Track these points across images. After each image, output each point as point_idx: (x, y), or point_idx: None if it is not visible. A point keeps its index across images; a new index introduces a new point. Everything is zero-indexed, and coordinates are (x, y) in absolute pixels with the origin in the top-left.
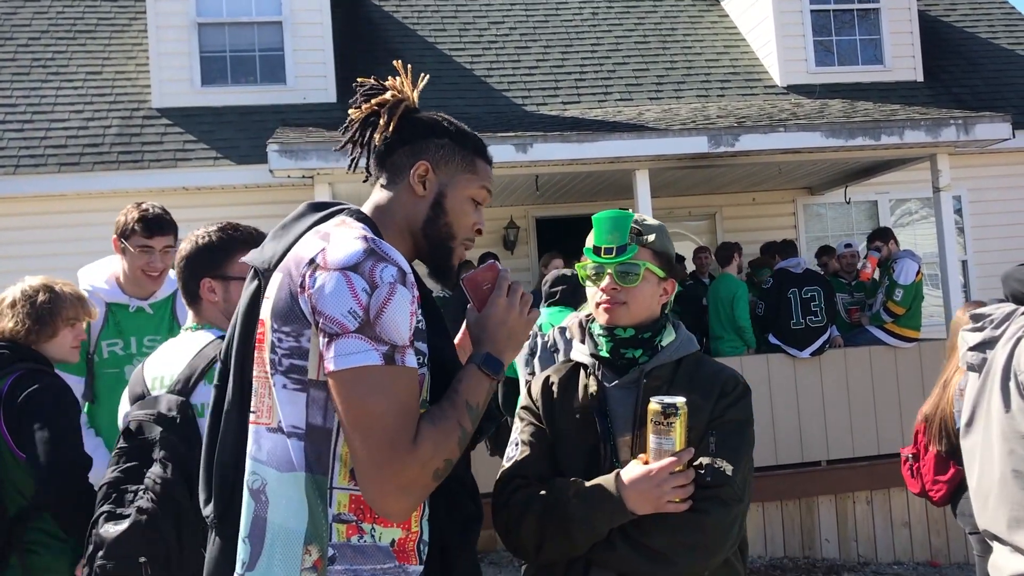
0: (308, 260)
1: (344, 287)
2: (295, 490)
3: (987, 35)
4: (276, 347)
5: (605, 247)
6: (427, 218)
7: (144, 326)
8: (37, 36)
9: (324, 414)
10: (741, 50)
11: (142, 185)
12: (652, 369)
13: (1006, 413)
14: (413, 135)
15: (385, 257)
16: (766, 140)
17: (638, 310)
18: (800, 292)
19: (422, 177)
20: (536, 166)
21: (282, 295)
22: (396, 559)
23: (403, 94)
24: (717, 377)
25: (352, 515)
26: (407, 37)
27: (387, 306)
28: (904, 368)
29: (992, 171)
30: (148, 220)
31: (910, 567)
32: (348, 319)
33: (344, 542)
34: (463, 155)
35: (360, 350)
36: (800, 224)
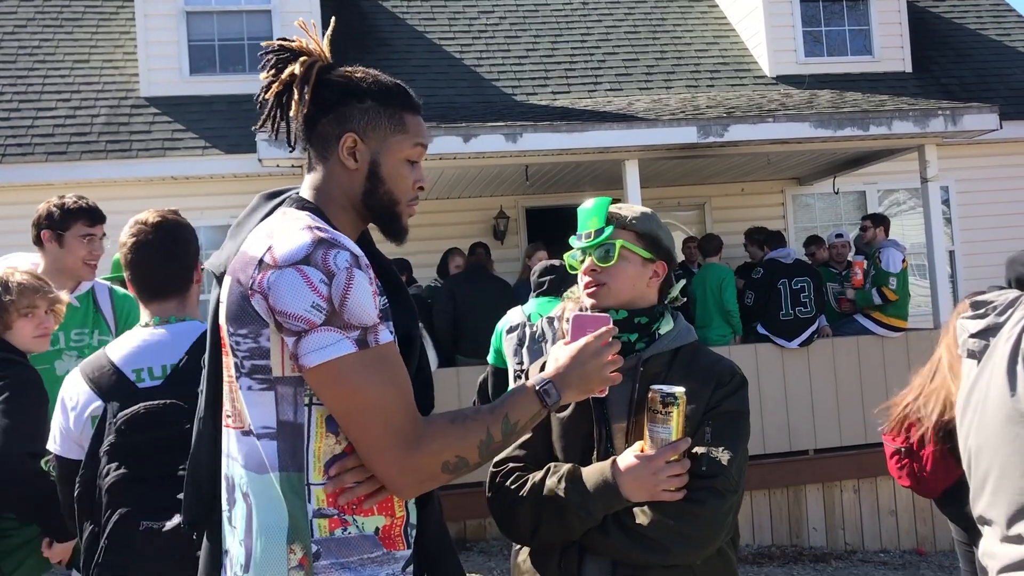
0: (257, 261)
1: (300, 282)
2: (272, 491)
3: (975, 26)
4: (236, 350)
5: (585, 232)
6: (365, 191)
7: (70, 320)
8: (23, 24)
9: (295, 409)
10: (730, 40)
11: (130, 174)
12: (649, 357)
13: (1012, 396)
14: (333, 102)
15: (335, 243)
16: (755, 131)
17: (620, 289)
18: (790, 283)
19: (351, 150)
20: (526, 156)
21: (233, 298)
22: (383, 546)
23: (312, 54)
24: (714, 367)
25: (333, 509)
26: (396, 26)
27: (349, 291)
28: (891, 358)
29: (980, 162)
30: (89, 209)
31: (896, 555)
32: (313, 313)
33: (327, 536)
34: (390, 115)
35: (332, 342)
36: (789, 214)
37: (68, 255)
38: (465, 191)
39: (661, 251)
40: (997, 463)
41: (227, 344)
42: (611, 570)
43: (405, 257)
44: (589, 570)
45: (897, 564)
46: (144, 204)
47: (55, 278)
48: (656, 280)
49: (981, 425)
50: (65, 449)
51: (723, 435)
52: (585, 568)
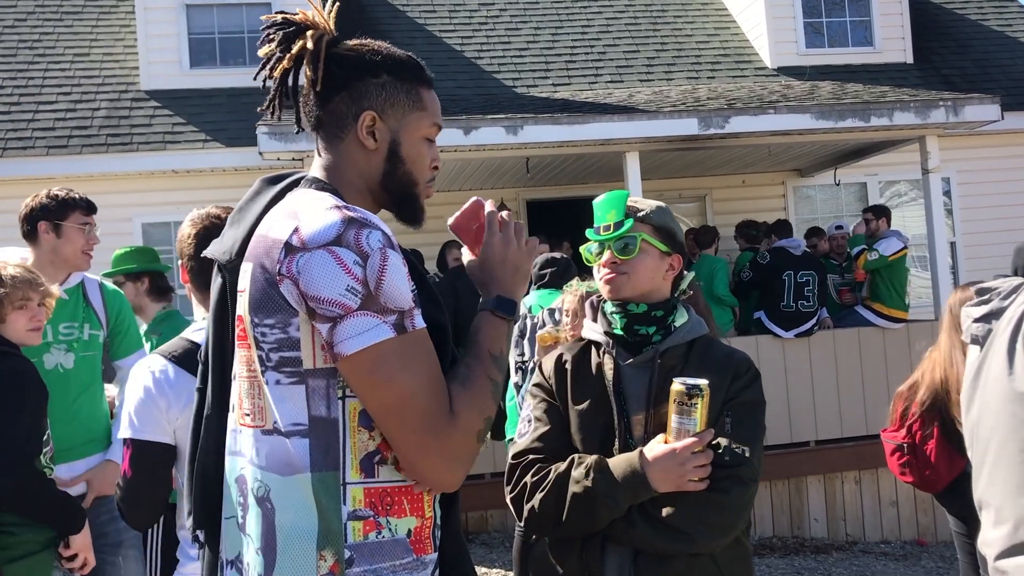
0: (283, 244)
1: (333, 264)
2: (301, 493)
3: (976, 17)
4: (261, 342)
5: (603, 225)
6: (384, 172)
7: (60, 313)
8: (23, 17)
9: (327, 404)
10: (731, 32)
11: (131, 168)
12: (666, 349)
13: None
14: (347, 77)
15: (366, 222)
16: (756, 122)
17: (639, 281)
18: (796, 275)
19: (370, 129)
20: (526, 148)
21: (258, 286)
22: (413, 551)
23: (319, 27)
24: (730, 359)
25: (368, 510)
26: (396, 18)
27: (385, 272)
28: (892, 349)
29: (981, 153)
30: (85, 199)
31: (897, 546)
32: (348, 297)
33: (361, 541)
34: (407, 90)
35: (370, 327)
36: (790, 206)
37: (67, 245)
38: (466, 184)
39: (676, 244)
40: (995, 443)
41: (249, 336)
42: (632, 559)
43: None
44: (610, 560)
45: (898, 555)
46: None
47: (48, 271)
48: (671, 273)
49: (982, 408)
50: (154, 434)
51: (743, 425)
52: (607, 558)
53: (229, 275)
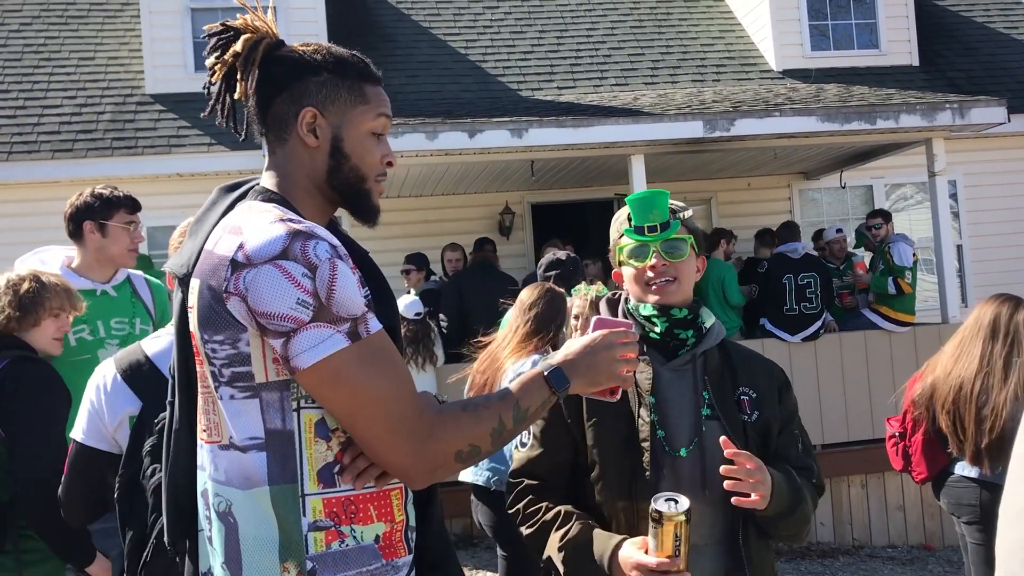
0: (228, 261)
1: (281, 279)
2: (261, 507)
3: (983, 19)
4: (212, 358)
5: (648, 225)
6: (329, 169)
7: (110, 309)
8: (29, 22)
9: (283, 416)
10: (736, 34)
11: (136, 171)
12: (704, 352)
13: None
14: (286, 78)
15: (312, 234)
16: (762, 125)
17: (688, 286)
18: (796, 278)
19: (311, 126)
20: (531, 151)
21: (205, 303)
22: (383, 557)
23: (259, 31)
24: (766, 364)
25: (328, 520)
26: (400, 21)
27: (335, 282)
28: (899, 353)
29: (987, 156)
30: (129, 198)
31: (904, 550)
32: (299, 311)
33: (324, 551)
34: (348, 86)
35: (324, 338)
36: (795, 209)
37: (113, 244)
38: (471, 187)
39: (702, 247)
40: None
41: (201, 352)
42: None
43: (409, 252)
44: None
45: (905, 559)
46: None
47: (95, 269)
48: (698, 276)
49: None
50: (92, 439)
51: (804, 441)
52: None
53: (184, 289)
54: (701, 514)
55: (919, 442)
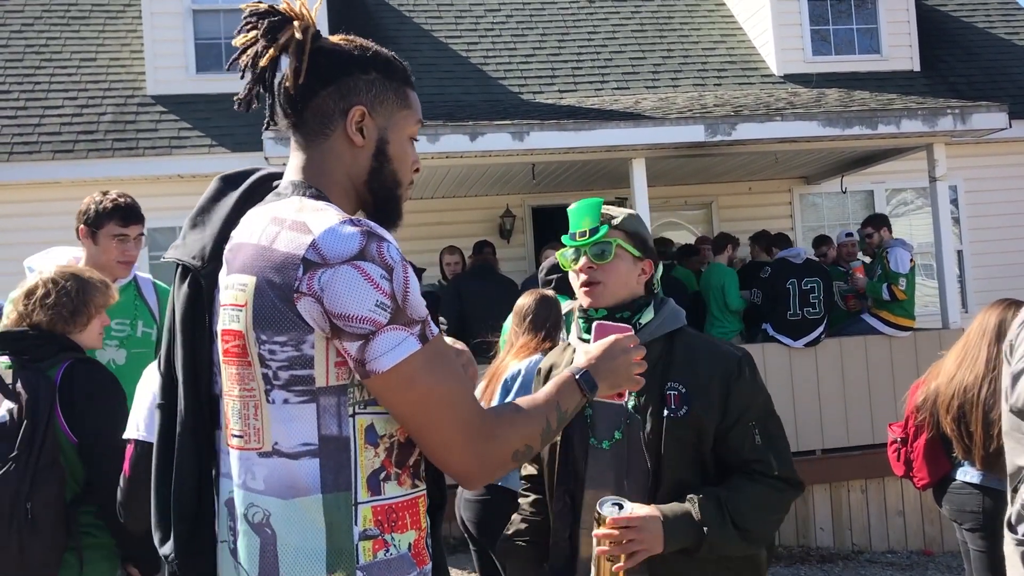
0: (300, 259)
1: (361, 280)
2: (307, 516)
3: (984, 24)
4: (268, 360)
5: (579, 231)
6: (371, 170)
7: (111, 309)
8: (31, 22)
9: (339, 422)
10: (738, 39)
11: (137, 172)
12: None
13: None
14: (334, 71)
15: (383, 236)
16: (763, 129)
17: (616, 288)
18: (800, 283)
19: (359, 124)
20: (532, 154)
21: (266, 302)
22: (416, 564)
23: (304, 18)
24: (715, 355)
25: (376, 529)
26: (402, 24)
27: (409, 285)
28: (899, 357)
29: (988, 161)
30: (123, 208)
31: (904, 555)
32: (378, 313)
33: (372, 560)
34: (395, 89)
35: (400, 341)
36: (796, 214)
37: (102, 254)
38: (471, 190)
39: (648, 250)
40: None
41: (252, 354)
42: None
43: (411, 255)
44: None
45: (904, 565)
46: (151, 202)
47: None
48: (644, 277)
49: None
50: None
51: (768, 434)
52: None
53: (206, 282)
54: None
55: (921, 447)
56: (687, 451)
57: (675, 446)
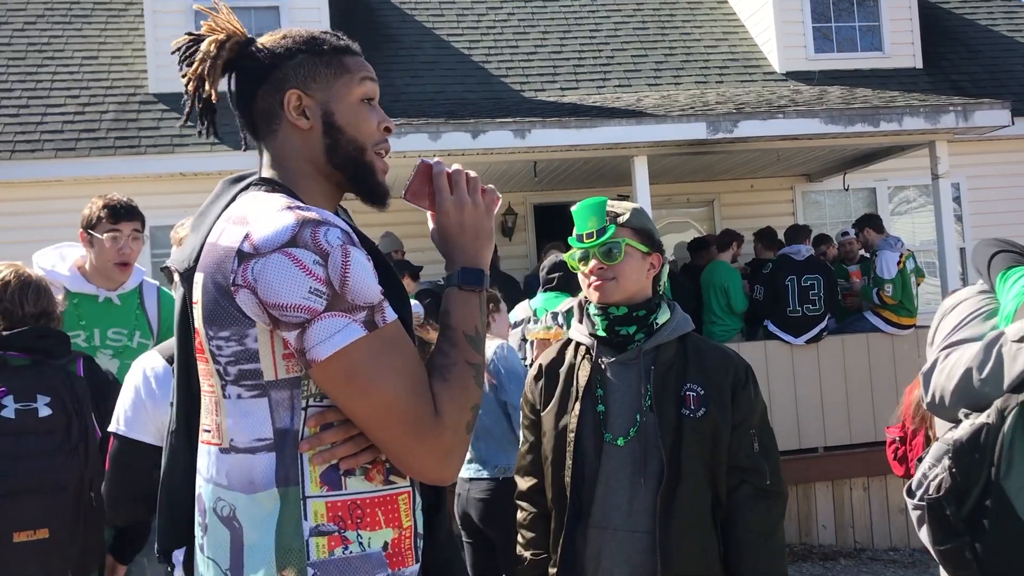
0: (235, 252)
1: (291, 267)
2: (265, 510)
3: (987, 22)
4: (218, 356)
5: (586, 233)
6: (327, 148)
7: (109, 317)
8: (33, 20)
9: (292, 415)
10: (740, 36)
11: (139, 171)
12: (656, 347)
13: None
14: (262, 71)
15: (322, 220)
16: (765, 127)
17: (627, 284)
18: (799, 280)
19: (299, 108)
20: (534, 152)
21: (210, 298)
22: (389, 566)
23: (227, 30)
24: (727, 359)
25: (332, 525)
26: (404, 22)
27: (348, 269)
28: (902, 355)
29: (991, 158)
30: (112, 206)
31: (906, 553)
32: (313, 300)
33: (326, 558)
34: (327, 61)
35: (340, 327)
36: (798, 211)
37: (98, 255)
38: None
39: (655, 244)
40: None
41: (205, 350)
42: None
43: (411, 254)
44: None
45: (907, 562)
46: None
47: (98, 275)
48: (652, 272)
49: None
50: (137, 431)
51: (764, 442)
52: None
53: (186, 285)
54: (639, 502)
55: (921, 445)
56: (704, 453)
57: (692, 447)
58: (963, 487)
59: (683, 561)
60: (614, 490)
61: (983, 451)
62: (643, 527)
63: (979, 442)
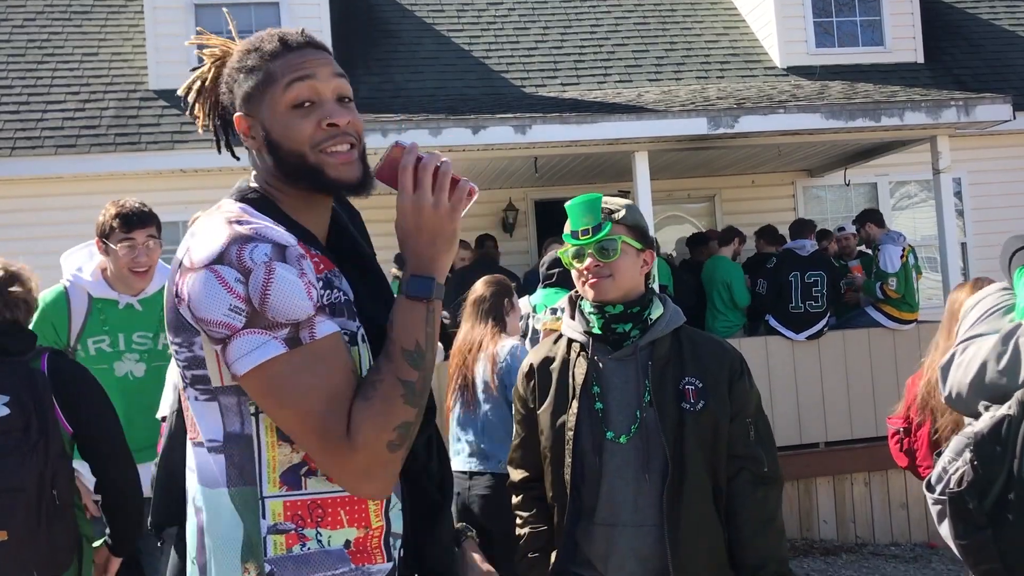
0: (179, 264)
1: (215, 284)
2: (224, 506)
3: (988, 16)
4: (177, 359)
5: (581, 229)
6: (275, 164)
7: (133, 323)
8: (32, 17)
9: (241, 420)
10: (741, 31)
11: (139, 167)
12: (651, 343)
13: None
14: (225, 95)
15: (253, 237)
16: (766, 122)
17: (623, 281)
18: (803, 276)
19: (246, 131)
20: (535, 148)
21: (168, 304)
22: (352, 561)
23: (215, 56)
24: (721, 353)
25: (290, 523)
26: (404, 18)
27: (270, 287)
28: (903, 350)
29: (992, 153)
30: (125, 215)
31: (907, 548)
32: (232, 317)
33: (284, 554)
34: (256, 74)
35: (258, 344)
36: (799, 206)
37: (113, 263)
38: (474, 183)
39: (648, 240)
40: None
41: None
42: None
43: None
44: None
45: (908, 557)
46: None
47: (119, 281)
48: (646, 268)
49: None
50: None
51: (760, 430)
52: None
53: None
54: (644, 498)
55: (925, 437)
56: (705, 446)
57: (694, 440)
58: (985, 480)
59: (691, 551)
60: (619, 487)
61: (1004, 443)
62: (650, 521)
63: (1000, 434)
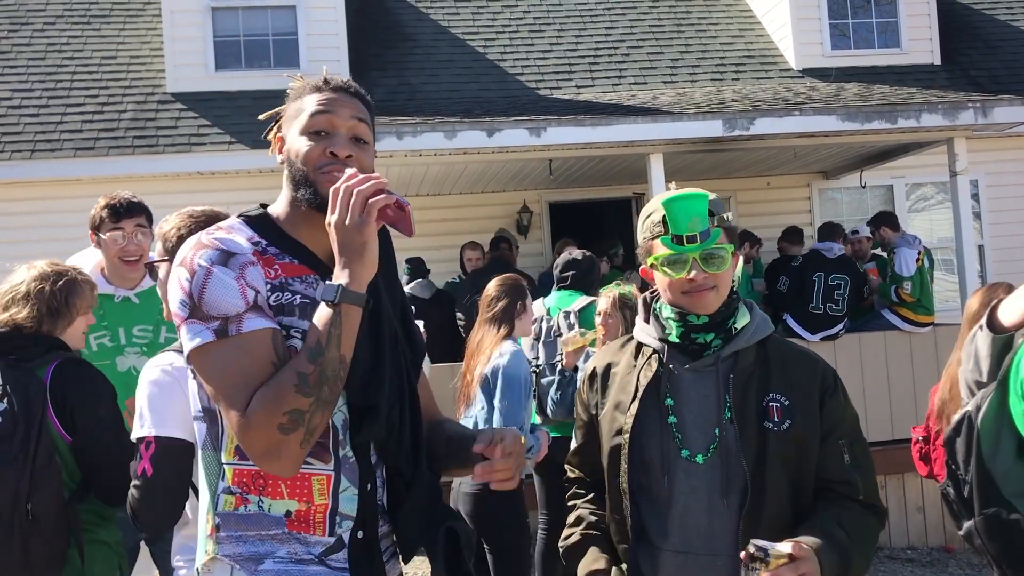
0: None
1: (175, 282)
2: (203, 465)
3: (1006, 17)
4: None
5: (687, 235)
6: (289, 176)
7: (131, 316)
8: (52, 21)
9: (208, 395)
10: (756, 33)
11: (156, 170)
12: (734, 353)
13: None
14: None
15: (207, 245)
16: (781, 124)
17: (725, 292)
18: (827, 277)
19: (279, 147)
20: (550, 150)
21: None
22: (286, 526)
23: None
24: (813, 364)
25: (237, 488)
26: (420, 21)
27: (206, 287)
28: (919, 353)
29: (1010, 155)
30: (112, 206)
31: (924, 552)
32: (181, 308)
33: (230, 511)
34: (295, 103)
35: (195, 332)
36: (815, 209)
37: (107, 255)
38: (489, 185)
39: (737, 244)
40: None
41: None
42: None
43: (427, 252)
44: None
45: (925, 561)
46: (170, 199)
47: (114, 275)
48: (732, 271)
49: None
50: (176, 430)
51: (856, 452)
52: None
53: None
54: (720, 524)
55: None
56: (789, 468)
57: (778, 462)
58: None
59: None
60: (693, 511)
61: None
62: (726, 550)
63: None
